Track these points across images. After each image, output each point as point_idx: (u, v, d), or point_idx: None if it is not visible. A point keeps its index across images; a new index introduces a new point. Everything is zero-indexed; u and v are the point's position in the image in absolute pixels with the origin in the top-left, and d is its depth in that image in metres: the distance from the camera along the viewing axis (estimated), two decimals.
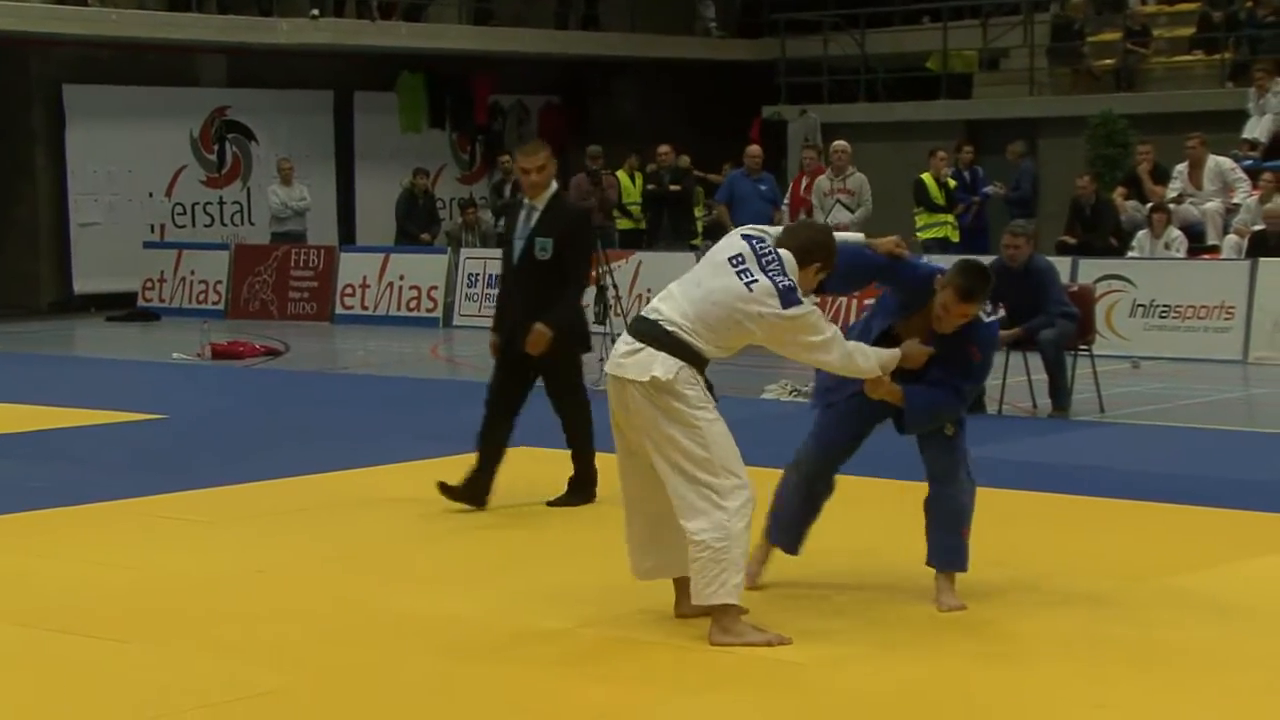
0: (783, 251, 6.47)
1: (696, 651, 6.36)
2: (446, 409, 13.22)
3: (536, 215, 9.04)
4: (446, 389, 15.15)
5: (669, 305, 6.42)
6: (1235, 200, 17.93)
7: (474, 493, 9.03)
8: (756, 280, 6.33)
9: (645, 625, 6.75)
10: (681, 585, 6.59)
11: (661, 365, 6.25)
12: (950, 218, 19.65)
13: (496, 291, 9.53)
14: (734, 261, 6.40)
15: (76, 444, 11.53)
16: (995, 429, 11.98)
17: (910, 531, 8.52)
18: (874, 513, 9.01)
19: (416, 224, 22.97)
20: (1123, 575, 7.52)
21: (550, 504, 9.10)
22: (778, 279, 6.34)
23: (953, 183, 19.80)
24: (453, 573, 7.81)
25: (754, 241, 6.48)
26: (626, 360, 6.33)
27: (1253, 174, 18.27)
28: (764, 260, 6.38)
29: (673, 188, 21.54)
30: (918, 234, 19.57)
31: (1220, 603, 7.07)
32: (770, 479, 9.52)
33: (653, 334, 6.34)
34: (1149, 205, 18.00)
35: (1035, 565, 7.73)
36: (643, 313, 6.50)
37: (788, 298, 6.32)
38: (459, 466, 10.34)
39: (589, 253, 9.42)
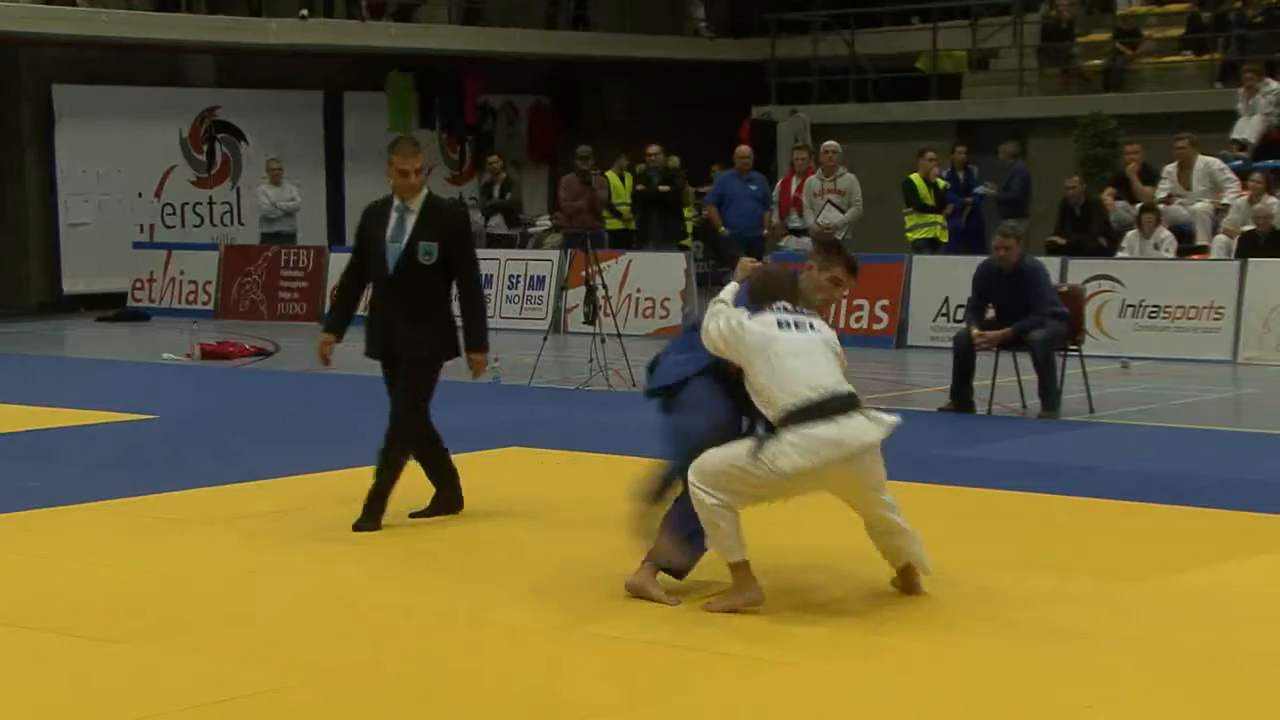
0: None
1: (682, 649, 6.37)
2: (437, 410, 13.19)
3: (413, 218, 8.68)
4: (436, 390, 15.13)
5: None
6: (1224, 200, 17.97)
7: (447, 504, 8.91)
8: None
9: (631, 623, 6.77)
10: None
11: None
12: (939, 218, 19.68)
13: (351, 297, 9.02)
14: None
15: (66, 444, 11.51)
16: (985, 429, 12.00)
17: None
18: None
19: None
20: (1112, 575, 7.54)
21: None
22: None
23: (941, 183, 19.83)
24: (442, 571, 7.81)
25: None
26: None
27: (1242, 175, 18.30)
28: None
29: (662, 188, 21.55)
30: (908, 234, 19.61)
31: (1211, 603, 7.09)
32: None
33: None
34: (1138, 206, 18.04)
35: (1024, 565, 7.74)
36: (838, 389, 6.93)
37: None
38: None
39: (475, 252, 9.05)
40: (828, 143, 19.74)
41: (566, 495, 9.24)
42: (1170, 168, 18.45)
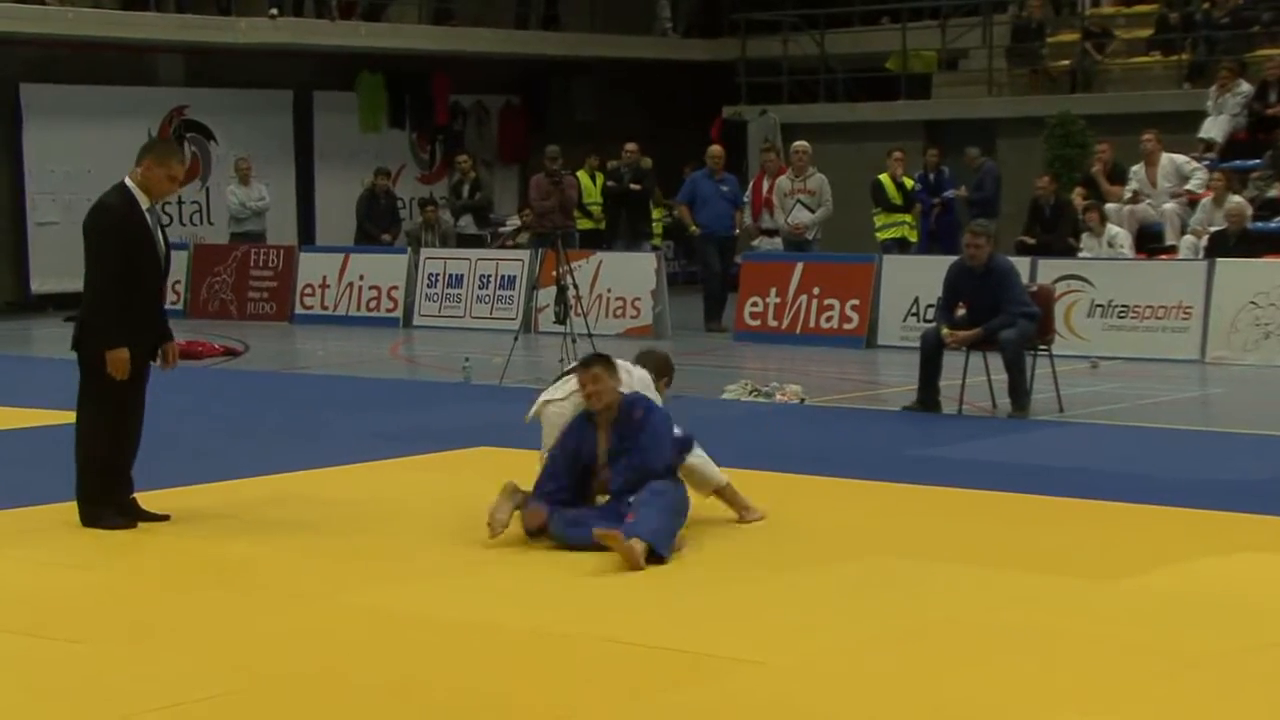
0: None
1: (658, 651, 6.35)
2: (407, 409, 13.18)
3: (156, 219, 8.78)
4: (407, 389, 15.10)
5: None
6: (1189, 187, 17.98)
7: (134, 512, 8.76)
8: None
9: (606, 624, 6.74)
10: None
11: None
12: (908, 218, 19.71)
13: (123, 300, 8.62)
14: None
15: (34, 445, 11.44)
16: (955, 429, 12.00)
17: (881, 533, 8.52)
18: (839, 513, 9.01)
19: (377, 224, 22.90)
20: (1081, 574, 7.54)
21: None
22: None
23: (910, 182, 19.85)
24: (411, 570, 7.78)
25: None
26: None
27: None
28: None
29: (633, 186, 21.52)
30: (877, 234, 19.63)
31: (1180, 602, 7.09)
32: (732, 478, 9.54)
33: None
34: (1084, 205, 18.06)
35: (995, 564, 7.73)
36: None
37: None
38: (421, 467, 10.31)
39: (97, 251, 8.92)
40: (797, 143, 19.74)
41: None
42: (1138, 167, 18.51)
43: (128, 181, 8.71)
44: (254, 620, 6.93)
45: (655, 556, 7.64)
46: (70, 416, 8.89)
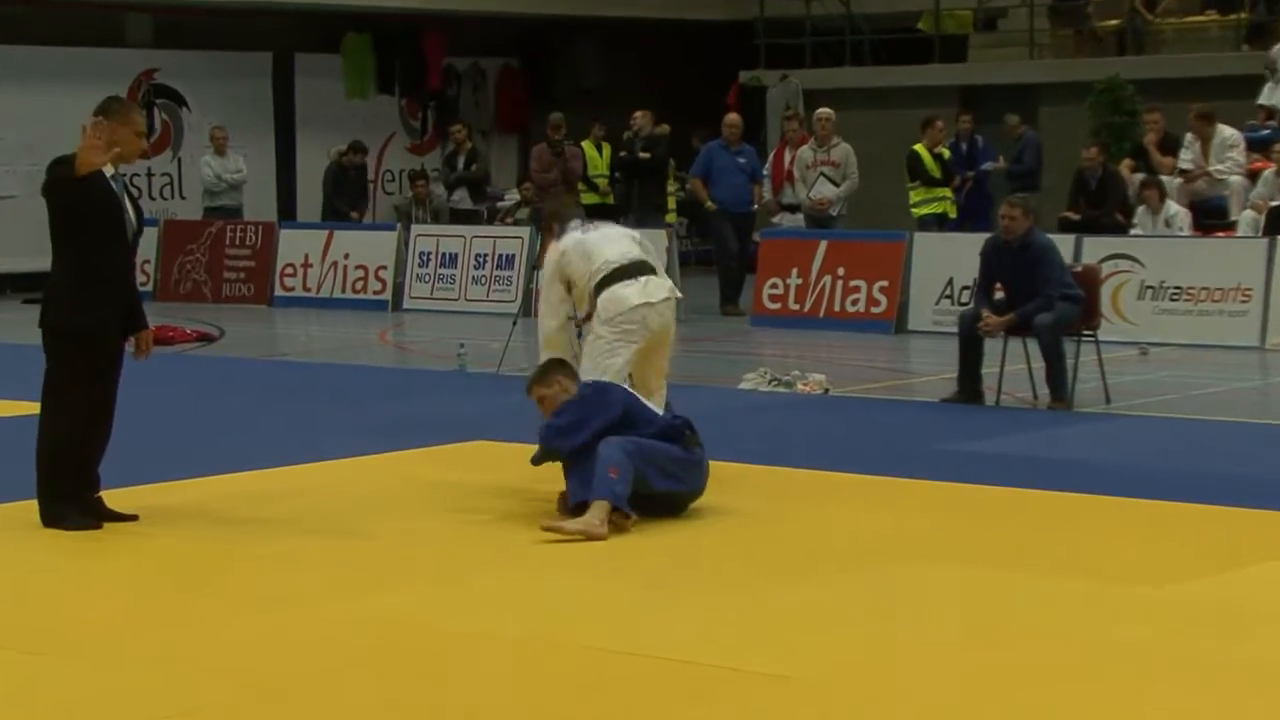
0: None
1: (675, 664, 6.36)
2: (396, 399, 13.20)
3: (123, 187, 8.78)
4: (396, 378, 15.13)
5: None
6: (1220, 167, 17.92)
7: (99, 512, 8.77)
8: None
9: (619, 634, 6.75)
10: None
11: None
12: (948, 192, 19.65)
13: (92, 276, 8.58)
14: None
15: None
16: (991, 421, 12.01)
17: (910, 536, 8.55)
18: (866, 513, 9.04)
19: (345, 199, 22.98)
20: (1128, 579, 7.55)
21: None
22: None
23: (946, 152, 19.81)
24: (402, 574, 7.80)
25: None
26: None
27: (1267, 145, 18.31)
28: None
29: (642, 155, 21.49)
30: (913, 210, 19.59)
31: (1231, 610, 7.10)
32: (750, 475, 9.53)
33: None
34: (1141, 181, 18.02)
35: (1034, 569, 7.75)
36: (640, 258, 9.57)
37: None
38: (413, 462, 10.34)
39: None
40: (821, 110, 19.74)
41: (536, 492, 9.22)
42: (1190, 138, 18.47)
43: None
44: (232, 628, 6.94)
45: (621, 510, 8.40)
46: (30, 407, 8.90)
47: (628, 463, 8.46)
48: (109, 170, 8.61)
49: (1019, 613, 7.05)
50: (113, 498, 8.85)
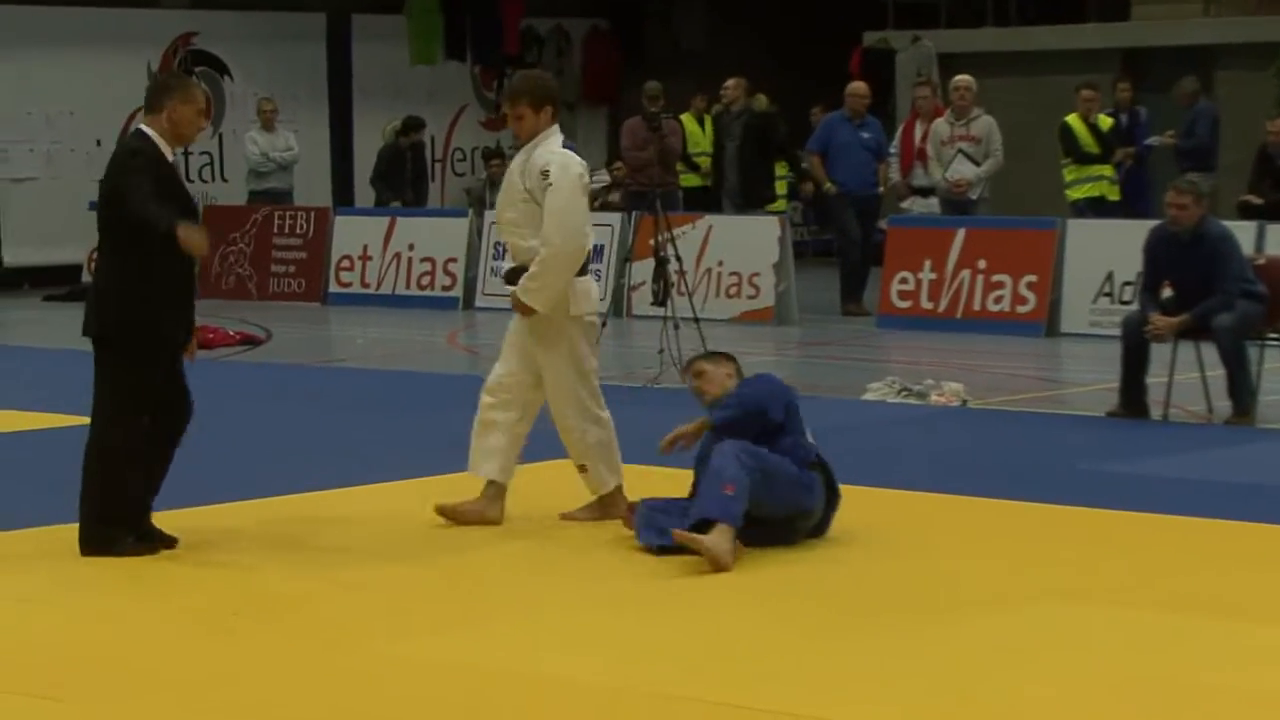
0: None
1: (770, 716, 6.35)
2: (467, 413, 13.18)
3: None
4: (466, 387, 15.12)
5: None
6: None
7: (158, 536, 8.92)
8: None
9: (705, 681, 6.75)
10: None
11: None
12: (1108, 170, 19.39)
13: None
14: None
15: (4, 454, 11.57)
16: (1158, 439, 11.91)
17: (1054, 571, 8.47)
18: (1004, 544, 8.98)
19: (391, 186, 22.95)
20: None
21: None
22: None
23: (1108, 122, 19.54)
24: (462, 611, 7.85)
25: None
26: None
27: None
28: None
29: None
30: (1067, 192, 19.42)
31: None
32: (876, 499, 9.49)
33: None
34: None
35: (1208, 612, 7.67)
36: None
37: None
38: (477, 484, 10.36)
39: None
40: (960, 77, 19.63)
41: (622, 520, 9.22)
42: None
43: (146, 129, 8.83)
44: (275, 671, 6.98)
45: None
46: (51, 420, 8.99)
47: (745, 479, 8.43)
48: (169, 154, 8.81)
49: (1185, 663, 6.98)
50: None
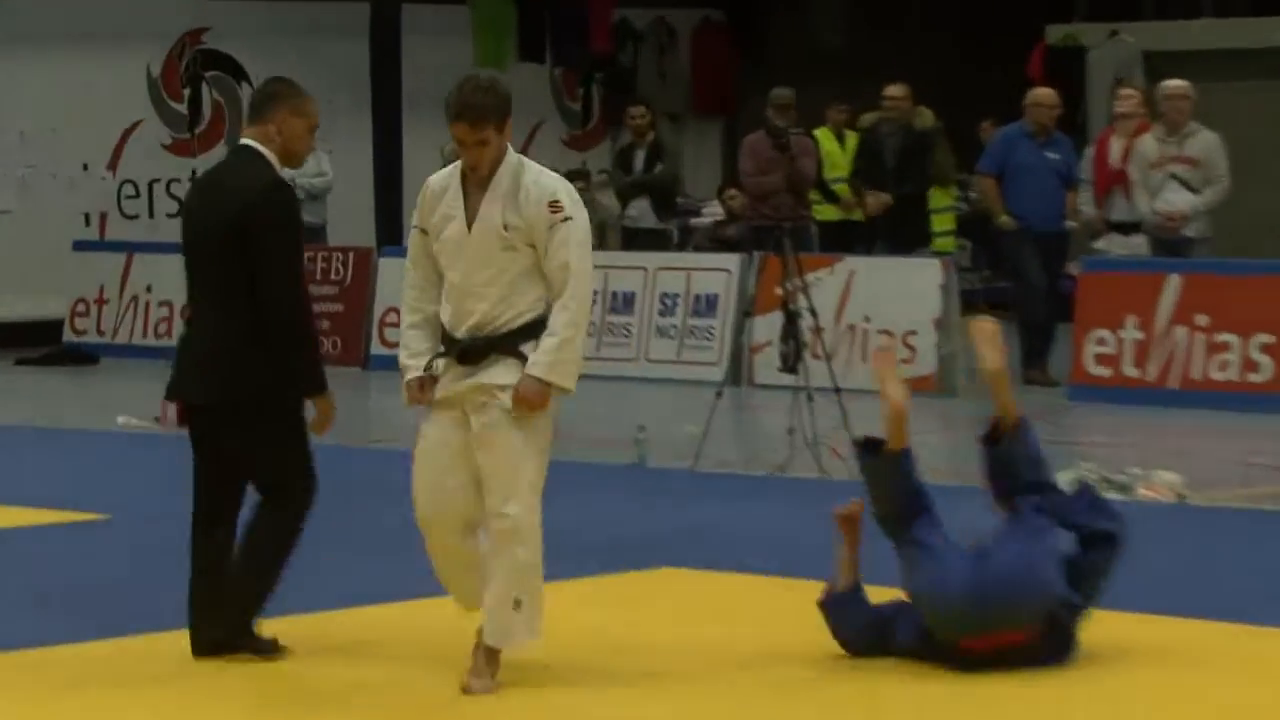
0: None
1: None
2: (548, 506, 13.14)
3: None
4: (547, 475, 15.13)
5: None
6: None
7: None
8: None
9: None
10: None
11: None
12: None
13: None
14: None
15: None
16: None
17: None
18: (1226, 685, 8.91)
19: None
20: None
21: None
22: None
23: None
24: None
25: None
26: None
27: None
28: None
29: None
30: None
31: None
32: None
33: None
34: None
35: None
36: None
37: None
38: (566, 595, 10.37)
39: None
40: (1172, 83, 19.53)
41: (746, 643, 9.26)
42: None
43: (255, 144, 9.19)
44: None
45: None
46: (20, 517, 9.01)
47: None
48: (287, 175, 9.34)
49: None
50: (133, 649, 9.13)
